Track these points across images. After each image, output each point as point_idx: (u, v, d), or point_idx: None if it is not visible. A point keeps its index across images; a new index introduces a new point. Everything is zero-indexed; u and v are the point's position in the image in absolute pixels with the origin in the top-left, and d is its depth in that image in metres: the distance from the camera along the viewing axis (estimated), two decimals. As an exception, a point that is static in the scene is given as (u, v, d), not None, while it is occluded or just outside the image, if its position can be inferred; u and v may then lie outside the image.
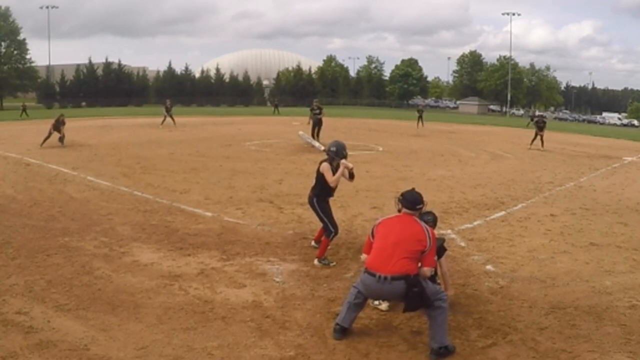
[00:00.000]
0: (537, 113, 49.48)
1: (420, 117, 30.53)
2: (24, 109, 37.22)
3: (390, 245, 4.14)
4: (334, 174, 6.07)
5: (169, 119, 26.42)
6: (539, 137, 20.62)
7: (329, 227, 6.18)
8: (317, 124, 19.42)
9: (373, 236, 4.36)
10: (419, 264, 4.18)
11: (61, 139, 16.88)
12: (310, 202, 6.30)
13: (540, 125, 20.80)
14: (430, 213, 5.04)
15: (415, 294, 4.04)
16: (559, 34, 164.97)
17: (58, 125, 17.00)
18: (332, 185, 6.07)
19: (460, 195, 10.45)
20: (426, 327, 4.52)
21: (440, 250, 4.89)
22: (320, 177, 6.15)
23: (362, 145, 19.46)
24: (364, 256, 4.46)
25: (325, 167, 6.11)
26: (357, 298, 4.35)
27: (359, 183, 11.33)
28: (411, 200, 4.36)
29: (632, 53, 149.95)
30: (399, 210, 4.41)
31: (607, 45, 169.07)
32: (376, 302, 4.92)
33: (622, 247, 7.23)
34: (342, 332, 4.33)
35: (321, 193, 6.22)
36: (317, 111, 19.61)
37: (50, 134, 16.81)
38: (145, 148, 16.73)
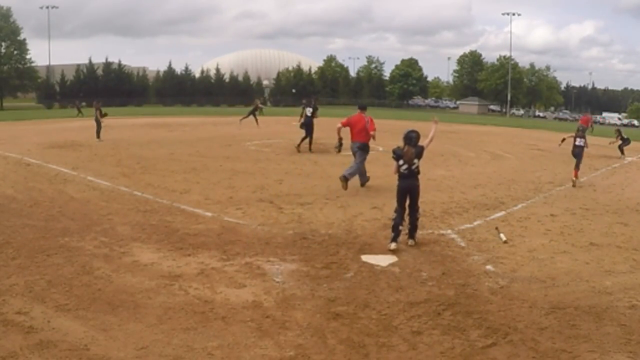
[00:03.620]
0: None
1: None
2: (79, 109, 36.90)
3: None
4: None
5: (250, 119, 26.32)
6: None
7: None
8: (310, 127, 16.10)
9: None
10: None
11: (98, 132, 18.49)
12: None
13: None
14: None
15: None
16: (559, 34, 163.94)
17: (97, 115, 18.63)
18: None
19: (460, 195, 10.45)
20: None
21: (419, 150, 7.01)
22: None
23: (362, 145, 19.39)
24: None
25: None
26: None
27: (358, 183, 11.34)
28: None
29: (633, 53, 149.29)
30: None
31: (608, 45, 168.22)
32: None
33: (622, 247, 7.22)
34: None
35: None
36: (312, 110, 16.14)
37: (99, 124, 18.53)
38: (145, 148, 16.72)
